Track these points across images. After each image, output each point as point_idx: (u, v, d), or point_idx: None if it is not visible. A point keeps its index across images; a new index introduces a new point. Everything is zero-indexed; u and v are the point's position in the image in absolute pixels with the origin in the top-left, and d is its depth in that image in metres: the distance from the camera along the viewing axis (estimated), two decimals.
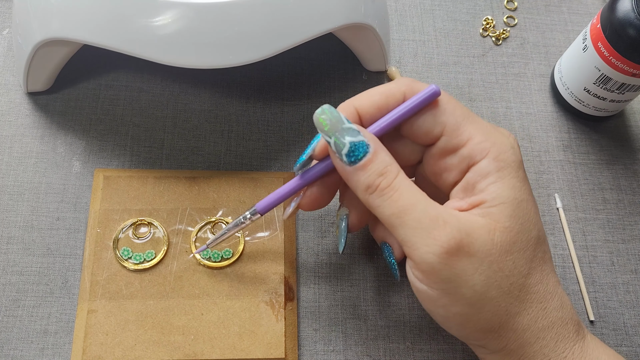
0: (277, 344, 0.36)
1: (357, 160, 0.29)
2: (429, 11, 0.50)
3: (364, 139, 0.30)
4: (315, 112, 0.30)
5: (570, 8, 0.52)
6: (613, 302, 0.41)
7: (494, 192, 0.30)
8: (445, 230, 0.28)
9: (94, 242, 0.38)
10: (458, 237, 0.28)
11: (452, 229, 0.28)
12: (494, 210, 0.29)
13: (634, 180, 0.45)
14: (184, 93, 0.44)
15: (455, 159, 0.31)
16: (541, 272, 0.30)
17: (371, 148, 0.30)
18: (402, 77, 0.32)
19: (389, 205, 0.29)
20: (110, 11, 0.35)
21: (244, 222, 0.35)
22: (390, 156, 0.30)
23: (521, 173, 0.31)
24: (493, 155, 0.30)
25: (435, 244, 0.28)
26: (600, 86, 0.42)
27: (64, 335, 0.36)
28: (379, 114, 0.32)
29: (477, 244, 0.28)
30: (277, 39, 0.36)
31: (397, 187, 0.29)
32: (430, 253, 0.28)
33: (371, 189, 0.29)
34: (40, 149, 0.41)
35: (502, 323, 0.29)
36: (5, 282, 0.37)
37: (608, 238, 0.43)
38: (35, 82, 0.42)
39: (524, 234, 0.30)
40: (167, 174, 0.40)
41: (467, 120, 0.31)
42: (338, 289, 0.39)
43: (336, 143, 0.30)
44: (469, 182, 0.31)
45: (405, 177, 0.30)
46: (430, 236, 0.28)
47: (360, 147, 0.29)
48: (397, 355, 0.38)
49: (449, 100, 0.32)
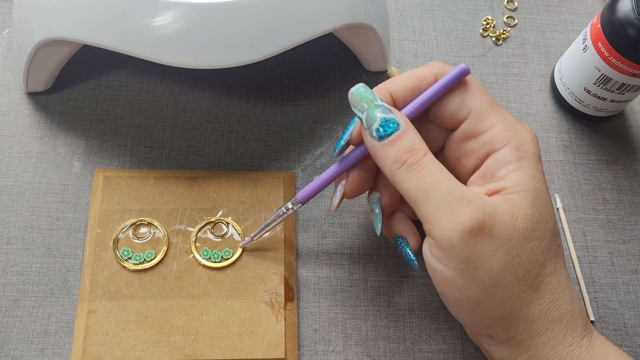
0: (277, 344, 0.36)
1: (387, 136, 0.30)
2: (429, 11, 0.50)
3: (394, 117, 0.30)
4: (351, 89, 0.31)
5: (571, 8, 0.52)
6: (613, 302, 0.41)
7: (515, 179, 0.30)
8: (469, 209, 0.28)
9: (94, 242, 0.38)
10: (482, 217, 0.28)
11: (476, 208, 0.28)
12: (516, 197, 0.30)
13: (634, 181, 0.45)
14: (184, 93, 0.44)
15: (476, 144, 0.32)
16: (555, 264, 0.31)
17: (401, 126, 0.30)
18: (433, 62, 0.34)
19: (416, 180, 0.29)
20: (110, 11, 0.35)
21: (286, 212, 0.36)
22: (419, 136, 0.31)
23: (540, 166, 0.31)
24: (514, 144, 0.31)
25: (459, 221, 0.28)
26: (601, 86, 0.42)
27: (64, 335, 0.36)
28: (412, 97, 0.32)
29: (499, 226, 0.29)
30: (277, 39, 0.36)
31: (424, 164, 0.29)
32: (452, 230, 0.28)
33: (398, 163, 0.30)
34: (40, 149, 0.41)
35: (513, 310, 0.30)
36: (5, 282, 0.37)
37: (608, 238, 0.43)
38: (35, 82, 0.42)
39: (542, 223, 0.30)
40: (167, 174, 0.40)
41: (491, 108, 0.32)
42: (338, 289, 0.39)
43: (368, 118, 0.30)
44: (489, 169, 0.31)
45: (433, 157, 0.30)
46: (454, 213, 0.28)
47: (391, 122, 0.30)
48: (397, 355, 0.38)
49: (478, 86, 0.32)
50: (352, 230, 0.41)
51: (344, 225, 0.41)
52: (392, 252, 0.41)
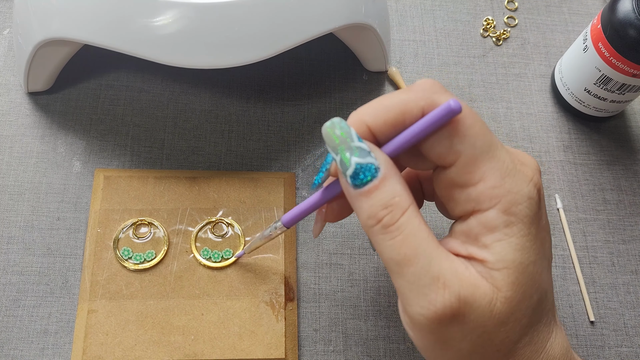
0: (277, 344, 0.36)
1: (362, 185, 0.26)
2: (429, 11, 0.50)
3: (374, 161, 0.26)
4: (325, 125, 0.27)
5: (571, 8, 0.52)
6: (613, 302, 0.41)
7: (499, 253, 0.26)
8: (444, 296, 0.25)
9: (94, 242, 0.38)
10: (456, 305, 0.25)
11: (451, 295, 0.25)
12: (497, 275, 0.26)
13: (635, 181, 0.45)
14: (185, 93, 0.45)
15: (463, 195, 0.27)
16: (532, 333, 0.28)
17: (380, 172, 0.26)
18: (423, 80, 0.28)
19: (390, 248, 0.26)
20: (110, 11, 0.35)
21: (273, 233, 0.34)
22: (402, 185, 0.26)
23: (533, 229, 0.27)
24: (503, 206, 0.26)
25: (430, 308, 0.26)
26: (601, 87, 0.42)
27: (64, 335, 0.36)
28: (394, 132, 0.27)
29: (474, 314, 0.26)
30: (277, 39, 0.36)
31: (402, 227, 0.26)
32: (422, 316, 0.26)
33: (372, 220, 0.26)
34: (41, 149, 0.41)
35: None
36: (5, 282, 0.37)
37: (608, 238, 0.43)
38: (35, 82, 0.42)
39: (524, 302, 0.27)
40: (167, 174, 0.40)
41: (485, 156, 0.27)
42: (338, 289, 0.39)
43: (342, 161, 0.26)
44: (472, 230, 0.27)
45: (415, 213, 0.26)
46: (426, 298, 0.26)
47: (367, 170, 0.26)
48: (397, 355, 0.38)
49: (473, 125, 0.27)
50: (353, 230, 0.41)
51: (344, 226, 0.41)
52: None
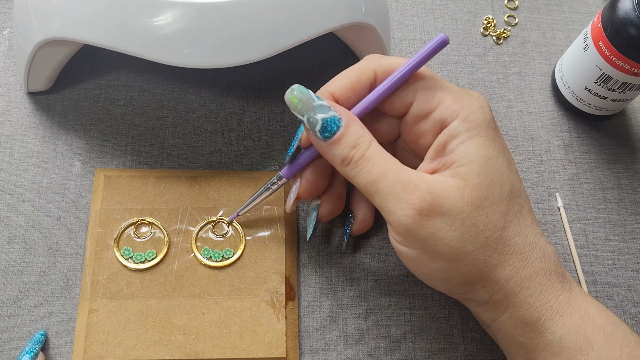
0: (278, 343, 0.36)
1: (331, 135, 0.31)
2: (429, 10, 0.50)
3: (335, 113, 0.31)
4: (286, 92, 0.32)
5: (571, 7, 0.52)
6: (614, 301, 0.41)
7: (463, 151, 0.31)
8: (416, 194, 0.29)
9: (95, 241, 0.38)
10: (429, 198, 0.29)
11: (422, 192, 0.30)
12: (463, 169, 0.30)
13: (635, 180, 0.45)
14: (185, 93, 0.45)
15: (428, 123, 0.32)
16: (518, 224, 0.31)
17: (343, 122, 0.31)
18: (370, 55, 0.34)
19: (364, 175, 0.31)
20: (110, 11, 0.35)
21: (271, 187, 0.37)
22: (362, 127, 0.31)
23: (490, 132, 0.31)
24: (463, 116, 0.31)
25: (408, 207, 0.29)
26: (601, 85, 0.42)
27: (65, 334, 0.36)
28: (353, 94, 0.33)
29: (447, 202, 0.30)
30: (277, 39, 0.36)
31: (369, 157, 0.31)
32: (404, 216, 0.30)
33: (346, 161, 0.31)
34: (41, 148, 0.41)
35: (483, 275, 0.31)
36: (6, 281, 0.37)
37: (609, 237, 0.43)
38: (35, 82, 0.42)
39: (495, 188, 0.31)
40: (168, 174, 0.40)
41: (436, 85, 0.32)
42: (339, 288, 0.39)
43: (309, 120, 0.31)
44: (440, 143, 0.32)
45: (378, 145, 0.31)
46: (403, 200, 0.30)
47: (332, 122, 0.31)
48: (398, 354, 0.38)
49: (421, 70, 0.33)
50: None
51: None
52: (393, 252, 0.41)
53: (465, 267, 0.30)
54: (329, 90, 0.33)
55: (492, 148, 0.31)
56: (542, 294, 0.31)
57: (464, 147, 0.31)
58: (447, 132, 0.31)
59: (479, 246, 0.30)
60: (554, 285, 0.31)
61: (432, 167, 0.32)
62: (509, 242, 0.31)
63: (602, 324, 0.31)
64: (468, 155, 0.30)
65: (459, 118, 0.31)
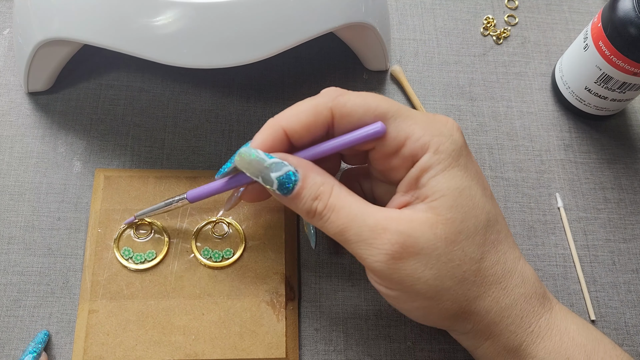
0: (278, 343, 0.36)
1: (290, 191, 0.30)
2: (429, 10, 0.50)
3: (290, 168, 0.30)
4: (235, 159, 0.31)
5: (571, 7, 0.52)
6: (614, 301, 0.41)
7: (435, 185, 0.30)
8: (386, 237, 0.29)
9: (95, 242, 0.38)
10: (400, 240, 0.28)
11: (392, 234, 0.29)
12: (436, 204, 0.29)
13: (635, 180, 0.45)
14: (185, 93, 0.44)
15: (399, 159, 0.31)
16: (496, 253, 0.31)
17: (300, 174, 0.30)
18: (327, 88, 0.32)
19: (330, 226, 0.30)
20: (110, 11, 0.35)
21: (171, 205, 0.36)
22: (321, 174, 0.30)
23: (462, 160, 0.30)
24: (433, 148, 0.30)
25: (379, 253, 0.29)
26: (602, 85, 0.42)
27: (65, 335, 0.36)
28: (308, 134, 0.31)
29: (420, 241, 0.29)
30: (277, 39, 0.36)
31: (332, 206, 0.30)
32: (377, 262, 0.29)
33: (310, 213, 0.30)
34: (41, 149, 0.41)
35: (463, 308, 0.30)
36: (6, 282, 0.37)
37: (609, 237, 0.43)
38: (35, 82, 0.42)
39: (469, 220, 0.30)
40: (168, 174, 0.40)
41: (401, 116, 0.31)
42: (339, 289, 0.39)
43: (265, 180, 0.30)
44: (412, 177, 0.31)
45: (341, 190, 0.30)
46: (372, 246, 0.29)
47: (288, 179, 0.30)
48: (398, 354, 0.38)
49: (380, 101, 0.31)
50: None
51: None
52: None
53: (446, 302, 0.30)
54: (282, 126, 0.31)
55: (465, 178, 0.30)
56: (523, 320, 0.31)
57: (436, 181, 0.30)
58: (419, 166, 0.30)
59: (458, 281, 0.29)
60: (534, 309, 0.31)
61: (405, 199, 0.31)
62: (487, 272, 0.30)
63: (583, 341, 0.31)
64: (440, 189, 0.29)
65: (429, 151, 0.30)
